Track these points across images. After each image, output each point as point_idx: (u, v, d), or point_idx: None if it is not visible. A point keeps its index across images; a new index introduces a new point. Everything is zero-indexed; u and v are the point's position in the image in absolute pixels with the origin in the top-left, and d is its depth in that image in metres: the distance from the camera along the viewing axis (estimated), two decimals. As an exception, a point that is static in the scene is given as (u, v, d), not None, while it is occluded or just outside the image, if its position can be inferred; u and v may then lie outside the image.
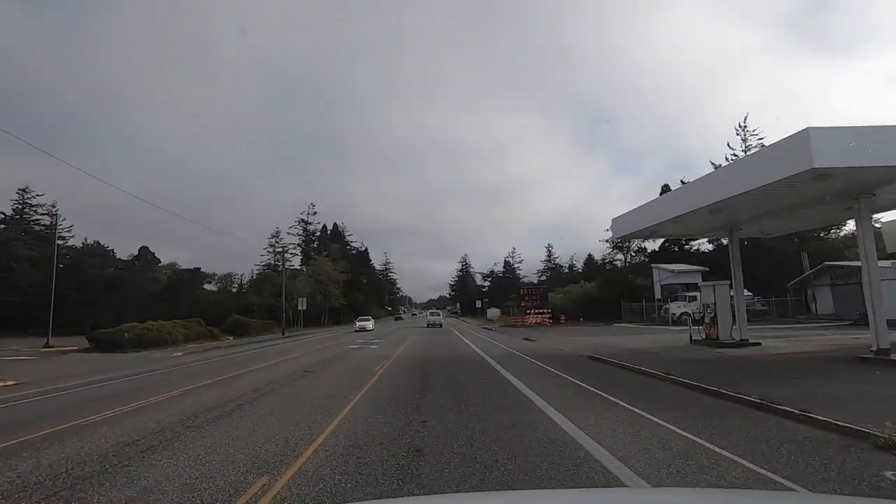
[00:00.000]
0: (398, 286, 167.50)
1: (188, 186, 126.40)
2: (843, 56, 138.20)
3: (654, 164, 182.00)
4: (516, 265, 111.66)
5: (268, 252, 60.86)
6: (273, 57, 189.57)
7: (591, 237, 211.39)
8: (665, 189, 47.98)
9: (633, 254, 56.55)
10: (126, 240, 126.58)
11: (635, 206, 18.58)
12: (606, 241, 45.12)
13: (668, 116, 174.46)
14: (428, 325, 48.94)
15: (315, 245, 73.40)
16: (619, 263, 59.82)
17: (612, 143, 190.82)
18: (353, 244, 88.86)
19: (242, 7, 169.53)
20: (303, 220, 71.84)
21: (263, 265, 60.59)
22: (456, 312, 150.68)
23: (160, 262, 54.01)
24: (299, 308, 44.86)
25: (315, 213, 73.45)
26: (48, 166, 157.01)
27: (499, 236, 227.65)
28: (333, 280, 66.43)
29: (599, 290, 45.23)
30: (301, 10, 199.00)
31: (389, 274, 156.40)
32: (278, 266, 62.01)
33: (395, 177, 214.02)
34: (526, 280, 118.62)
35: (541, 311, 41.64)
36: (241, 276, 56.67)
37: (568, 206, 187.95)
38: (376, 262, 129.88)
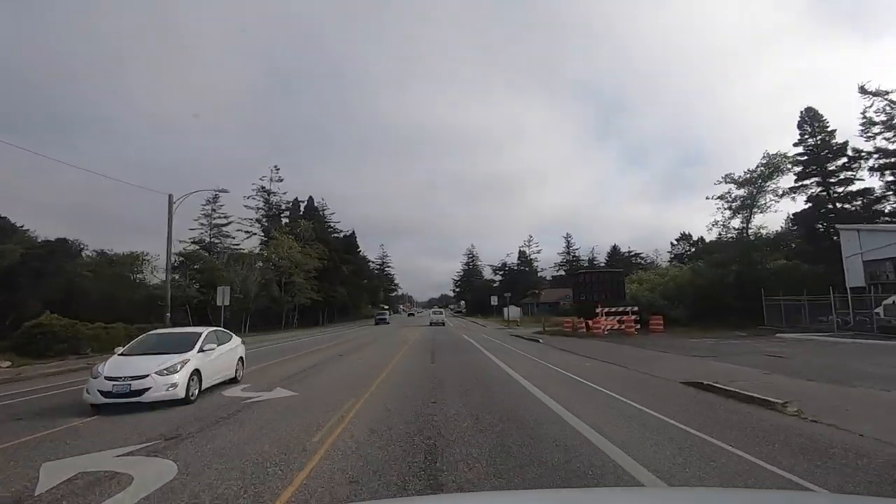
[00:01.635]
0: (396, 282, 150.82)
1: (173, 177, 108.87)
2: (877, 36, 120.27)
3: (666, 156, 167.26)
4: (533, 256, 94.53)
5: (201, 225, 44.03)
6: (259, 37, 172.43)
7: (602, 233, 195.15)
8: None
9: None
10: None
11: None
12: (718, 198, 28.11)
13: (683, 105, 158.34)
14: (431, 323, 49.18)
15: (285, 223, 56.13)
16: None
17: (623, 135, 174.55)
18: (334, 225, 71.59)
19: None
20: (263, 188, 54.42)
21: (193, 242, 43.42)
22: (460, 311, 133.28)
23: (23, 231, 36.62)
24: (219, 303, 27.62)
25: (281, 179, 55.89)
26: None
27: (504, 234, 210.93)
28: (301, 267, 49.11)
29: (702, 278, 27.85)
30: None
31: (386, 269, 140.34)
32: (216, 244, 44.63)
33: (394, 170, 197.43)
34: (543, 274, 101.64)
35: (621, 309, 24.33)
36: (157, 257, 39.45)
37: (577, 201, 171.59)
38: (371, 256, 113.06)
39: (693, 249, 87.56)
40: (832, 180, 28.11)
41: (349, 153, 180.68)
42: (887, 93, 25.63)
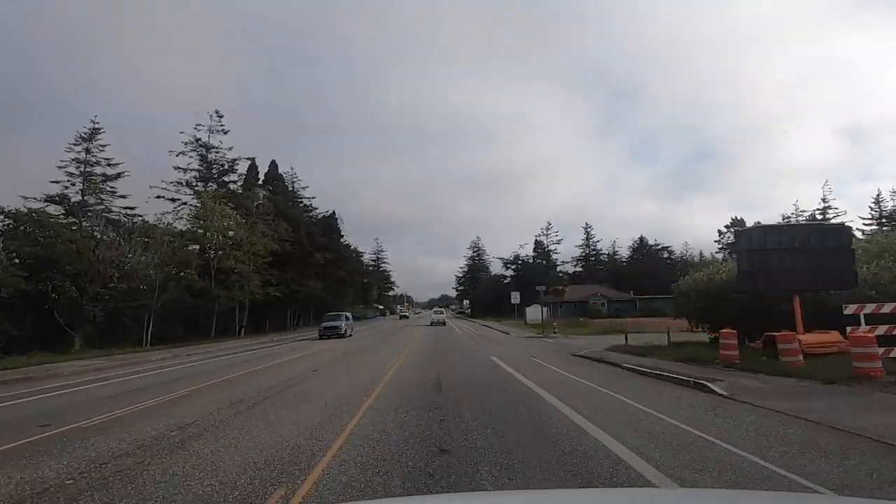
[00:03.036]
0: (393, 280, 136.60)
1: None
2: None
3: (676, 149, 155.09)
4: (552, 247, 79.35)
5: (68, 175, 29.27)
6: (255, 22, 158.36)
7: (610, 230, 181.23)
8: None
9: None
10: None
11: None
12: None
13: (697, 92, 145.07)
14: (431, 322, 47.63)
15: (233, 188, 41.21)
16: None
17: (632, 125, 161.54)
18: (308, 202, 56.95)
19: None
20: (198, 139, 39.22)
21: (48, 198, 28.05)
22: (463, 312, 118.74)
23: None
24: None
25: (224, 130, 40.31)
26: None
27: (507, 233, 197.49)
28: (247, 248, 34.66)
29: None
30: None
31: (382, 265, 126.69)
32: (91, 204, 29.68)
33: (392, 161, 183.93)
34: (561, 268, 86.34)
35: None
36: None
37: (581, 200, 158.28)
38: (365, 250, 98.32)
39: (747, 238, 72.61)
40: None
41: (345, 143, 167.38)
42: None
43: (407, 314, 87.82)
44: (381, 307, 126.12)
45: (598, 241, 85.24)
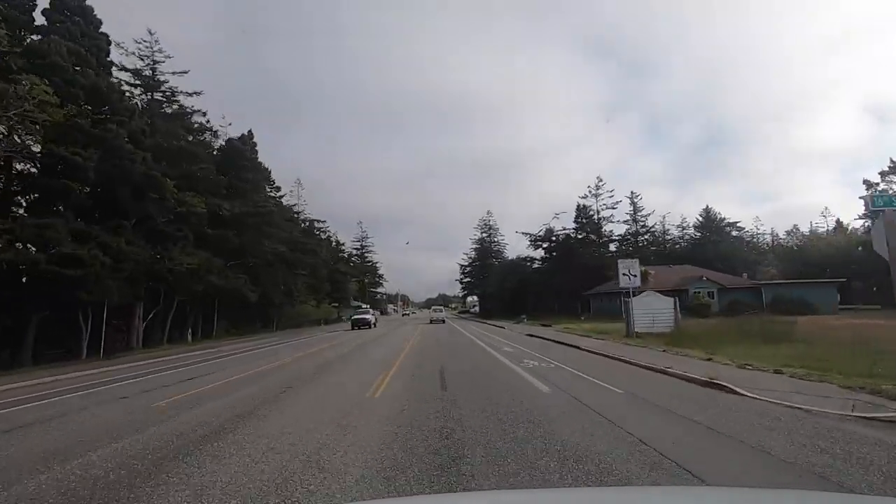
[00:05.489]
0: (381, 273, 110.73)
1: None
2: None
3: (688, 127, 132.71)
4: (606, 213, 52.70)
5: None
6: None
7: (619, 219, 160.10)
8: None
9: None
10: None
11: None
12: None
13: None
14: (431, 321, 44.76)
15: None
16: None
17: (643, 106, 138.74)
18: (188, 106, 30.72)
19: None
20: None
21: None
22: (468, 312, 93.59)
23: None
24: None
25: None
26: None
27: (511, 228, 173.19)
28: None
29: None
30: None
31: (367, 255, 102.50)
32: None
33: (385, 146, 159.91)
34: (616, 248, 60.74)
35: None
36: None
37: (587, 187, 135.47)
38: (347, 239, 72.48)
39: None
40: None
41: (330, 126, 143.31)
42: None
43: (368, 317, 39.22)
44: (365, 306, 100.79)
45: (648, 214, 59.97)
